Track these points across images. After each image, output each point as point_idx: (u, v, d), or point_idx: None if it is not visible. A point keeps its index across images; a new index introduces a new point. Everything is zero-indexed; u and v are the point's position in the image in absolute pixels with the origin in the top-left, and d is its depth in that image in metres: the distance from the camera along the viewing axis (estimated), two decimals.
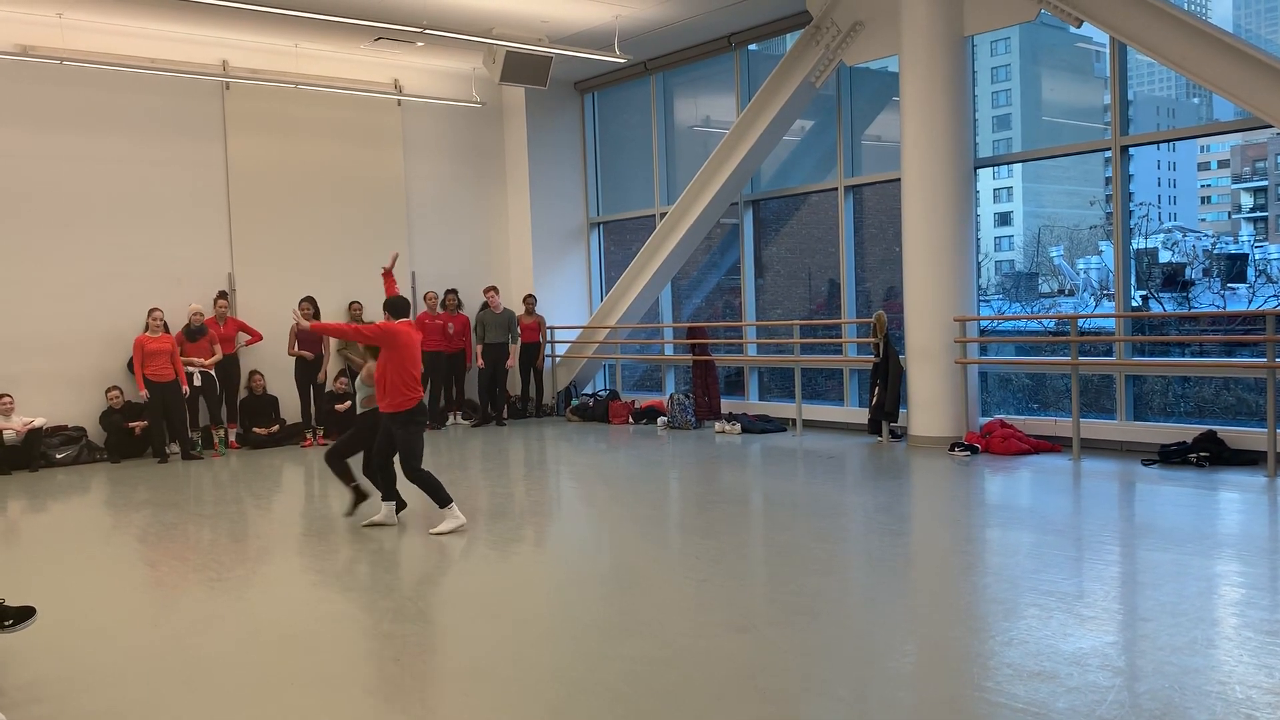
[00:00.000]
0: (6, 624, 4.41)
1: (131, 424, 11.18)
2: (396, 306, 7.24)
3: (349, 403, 12.33)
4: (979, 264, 10.54)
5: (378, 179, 13.48)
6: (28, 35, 10.89)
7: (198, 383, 11.30)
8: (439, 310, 13.34)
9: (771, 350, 12.69)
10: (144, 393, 10.89)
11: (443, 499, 6.93)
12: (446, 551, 6.43)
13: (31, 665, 4.46)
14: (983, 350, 10.45)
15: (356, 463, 7.51)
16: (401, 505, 7.38)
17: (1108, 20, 8.99)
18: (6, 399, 10.62)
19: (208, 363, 11.47)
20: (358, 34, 11.87)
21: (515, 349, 13.53)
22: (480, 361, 13.34)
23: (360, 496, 7.47)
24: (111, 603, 5.53)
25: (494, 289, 13.49)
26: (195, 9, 10.82)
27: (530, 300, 13.92)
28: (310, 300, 12.34)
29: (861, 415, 11.14)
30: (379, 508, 7.28)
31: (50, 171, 11.24)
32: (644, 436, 11.74)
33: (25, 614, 4.46)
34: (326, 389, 12.27)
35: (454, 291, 13.48)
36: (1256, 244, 12.40)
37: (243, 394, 12.10)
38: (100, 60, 11.20)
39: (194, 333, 11.45)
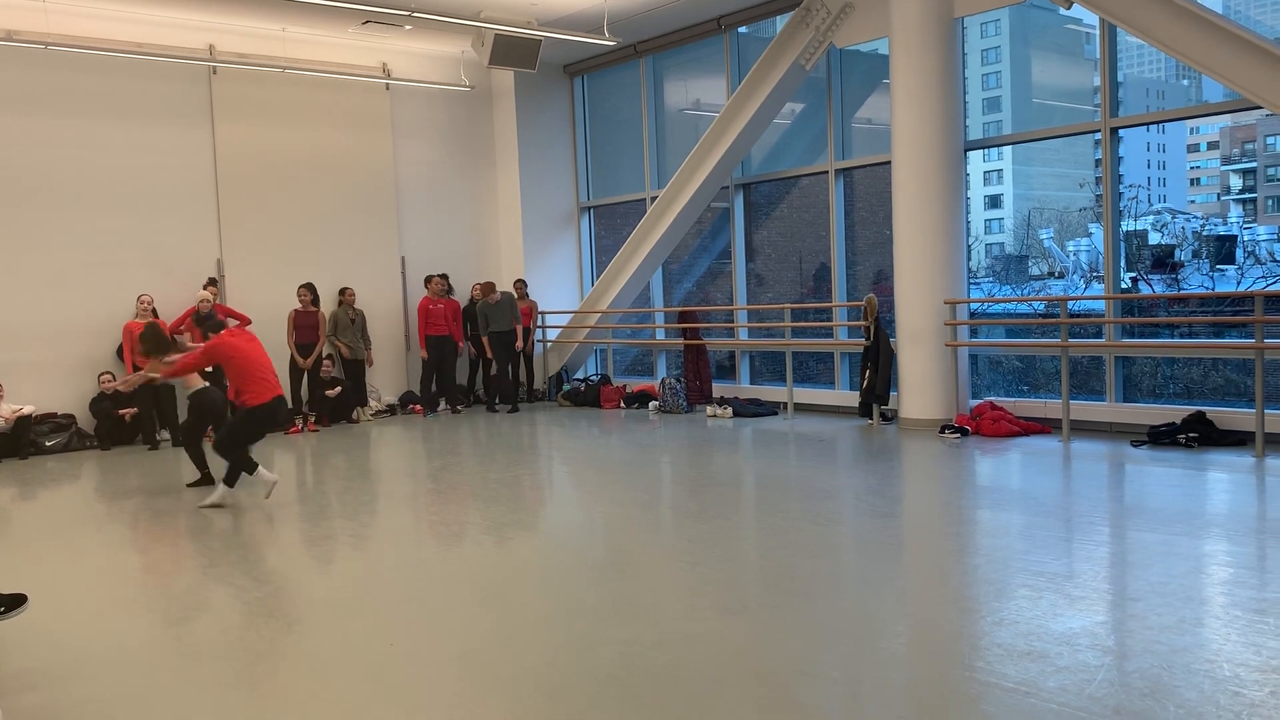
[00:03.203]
0: None
1: (122, 411, 11.15)
2: (205, 322, 7.94)
3: (339, 388, 12.32)
4: (969, 247, 10.55)
5: (367, 163, 13.42)
6: (11, 19, 10.79)
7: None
8: (439, 295, 13.24)
9: (763, 334, 12.70)
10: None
11: (230, 481, 7.61)
12: (439, 537, 6.44)
13: (24, 653, 4.46)
14: (973, 333, 10.48)
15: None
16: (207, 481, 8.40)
17: (1097, 2, 8.98)
18: None
19: None
20: (345, 17, 11.80)
21: (520, 330, 13.46)
22: (488, 351, 13.30)
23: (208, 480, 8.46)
24: (104, 590, 5.52)
25: (490, 285, 13.38)
26: None
27: (520, 285, 13.90)
28: (309, 287, 12.31)
29: (852, 398, 11.17)
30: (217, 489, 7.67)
31: (36, 158, 11.15)
32: (636, 421, 11.75)
33: (17, 601, 4.46)
34: (319, 374, 12.25)
35: (444, 276, 13.43)
36: (1245, 225, 12.43)
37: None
38: (85, 45, 11.10)
39: (204, 319, 11.40)
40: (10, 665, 4.32)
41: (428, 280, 13.24)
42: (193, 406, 8.44)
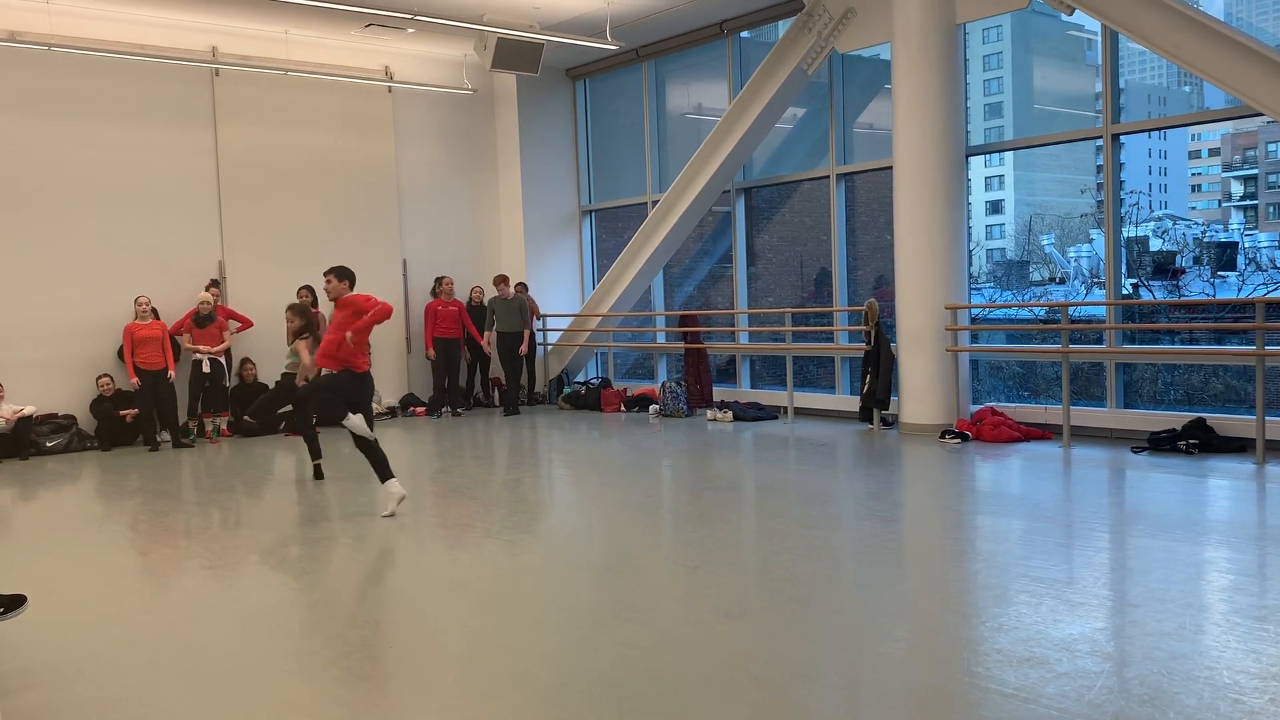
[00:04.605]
0: None
1: (123, 411, 11.15)
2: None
3: None
4: (970, 252, 10.55)
5: (369, 166, 13.43)
6: (15, 20, 10.81)
7: (206, 369, 11.32)
8: (450, 297, 13.24)
9: (764, 338, 12.70)
10: (134, 380, 10.87)
11: (383, 475, 7.29)
12: (439, 540, 6.44)
13: (24, 653, 4.46)
14: (974, 338, 10.48)
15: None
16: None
17: (1099, 8, 8.99)
18: None
19: (216, 350, 11.46)
20: (348, 20, 11.81)
21: (529, 334, 13.46)
22: (487, 349, 13.35)
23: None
24: (104, 590, 5.52)
25: (504, 277, 13.38)
26: None
27: (521, 288, 13.90)
28: (309, 289, 12.30)
29: (853, 403, 11.16)
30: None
31: (39, 158, 11.17)
32: (636, 424, 11.75)
33: (16, 602, 4.45)
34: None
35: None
36: (1246, 232, 12.42)
37: (233, 382, 12.06)
38: (89, 46, 11.12)
39: (203, 320, 11.43)
40: (10, 665, 4.32)
41: (439, 281, 13.25)
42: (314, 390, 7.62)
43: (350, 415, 7.06)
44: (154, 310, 11.25)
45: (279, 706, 3.80)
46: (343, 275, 7.43)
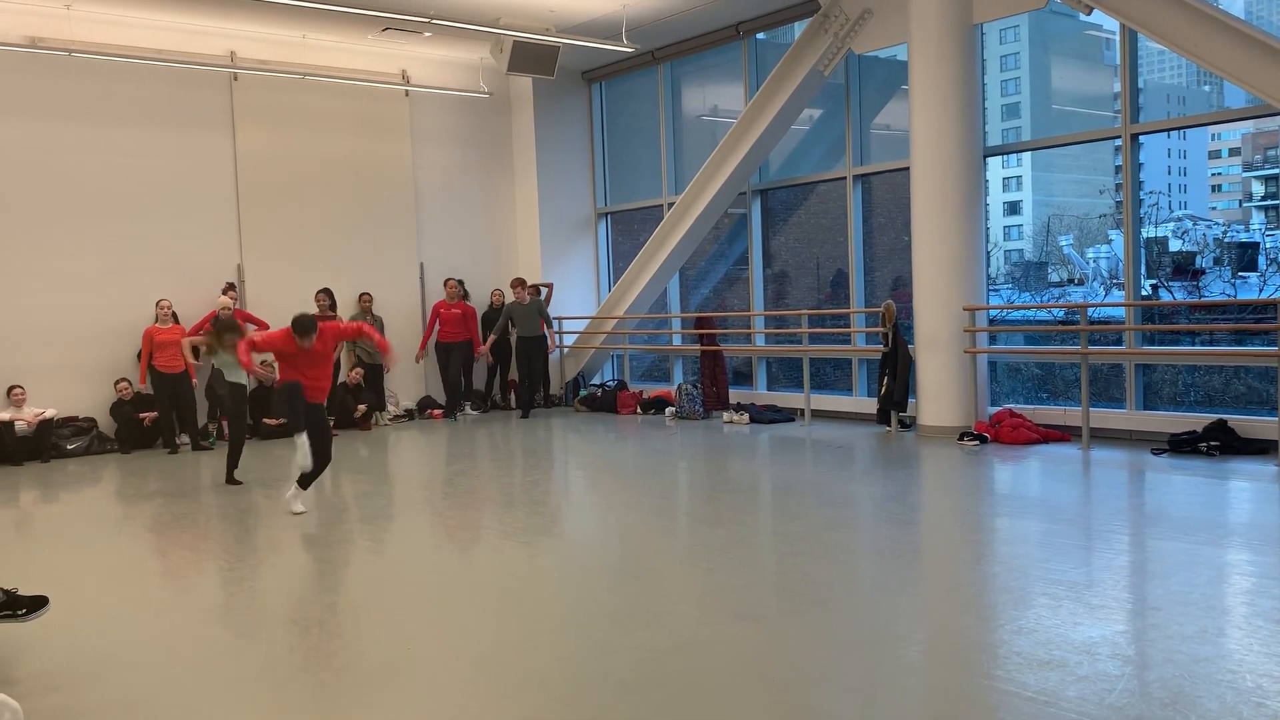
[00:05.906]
0: (20, 613, 4.44)
1: (142, 415, 11.22)
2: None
3: (365, 405, 12.34)
4: (988, 253, 10.51)
5: (386, 169, 13.47)
6: (36, 27, 10.90)
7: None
8: (454, 299, 13.29)
9: (780, 340, 12.68)
10: (143, 383, 10.98)
11: (306, 483, 7.58)
12: (454, 542, 6.45)
13: (45, 654, 4.49)
14: (992, 339, 10.42)
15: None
16: None
17: (1118, 7, 8.93)
18: (18, 391, 10.67)
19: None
20: (365, 24, 11.87)
21: (552, 334, 13.47)
22: (483, 352, 13.40)
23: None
24: (123, 592, 5.56)
25: (521, 281, 13.40)
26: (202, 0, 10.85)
27: (535, 290, 13.92)
28: (327, 292, 12.37)
29: (870, 405, 11.13)
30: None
31: (59, 163, 11.25)
32: (652, 427, 11.74)
33: (38, 603, 4.49)
34: (339, 380, 12.28)
35: (460, 281, 13.48)
36: (1267, 232, 12.31)
37: (251, 385, 12.09)
38: (108, 52, 11.21)
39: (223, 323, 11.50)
40: (31, 666, 4.35)
41: (445, 284, 13.33)
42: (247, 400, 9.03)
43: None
44: (174, 314, 11.33)
45: (297, 707, 3.82)
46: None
